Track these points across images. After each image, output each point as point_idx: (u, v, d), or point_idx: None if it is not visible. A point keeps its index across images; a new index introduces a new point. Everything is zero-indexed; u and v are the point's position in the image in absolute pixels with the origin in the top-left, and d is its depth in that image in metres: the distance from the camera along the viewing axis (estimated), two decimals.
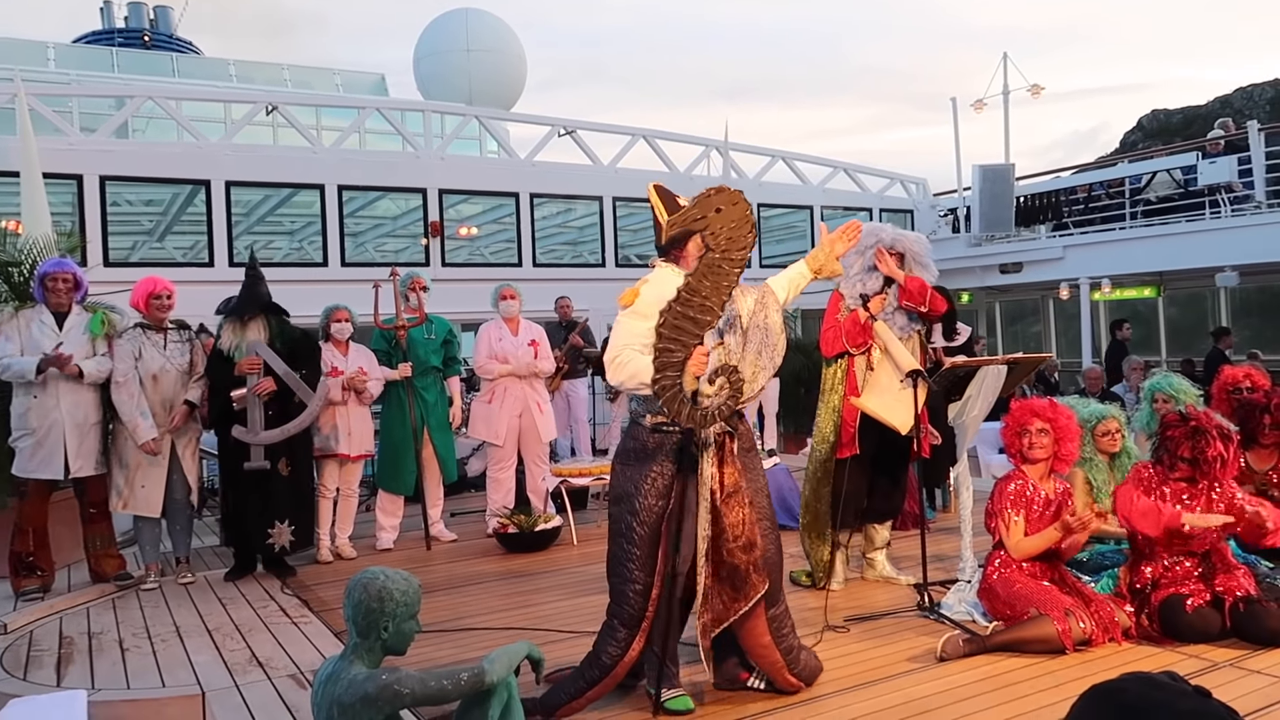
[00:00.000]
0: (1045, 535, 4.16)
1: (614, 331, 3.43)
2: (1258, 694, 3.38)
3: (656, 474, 3.37)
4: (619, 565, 3.41)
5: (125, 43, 23.41)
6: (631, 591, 3.35)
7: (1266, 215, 11.18)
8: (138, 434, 5.37)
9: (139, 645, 4.45)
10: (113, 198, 9.94)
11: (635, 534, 3.36)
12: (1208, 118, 29.01)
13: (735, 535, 3.37)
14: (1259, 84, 31.75)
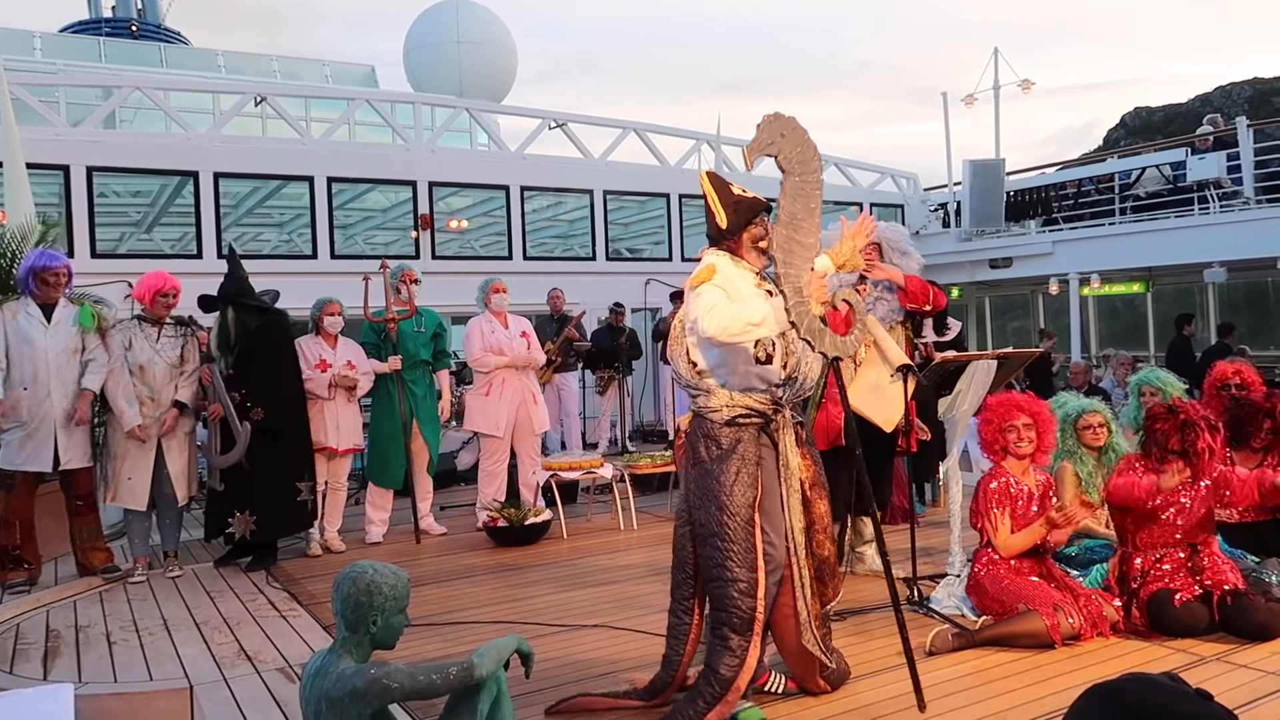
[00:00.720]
0: (1032, 531, 4.17)
1: (699, 302, 3.18)
2: (1244, 688, 3.40)
3: (739, 467, 3.23)
4: (716, 568, 3.21)
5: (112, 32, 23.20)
6: (736, 592, 3.16)
7: (1254, 211, 11.22)
8: (124, 419, 5.37)
9: (126, 638, 4.42)
10: (100, 189, 9.86)
11: (729, 530, 3.19)
12: (1188, 116, 29.36)
13: (824, 525, 3.35)
14: (1238, 82, 32.06)
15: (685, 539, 3.40)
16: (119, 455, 5.45)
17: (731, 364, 3.29)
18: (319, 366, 6.18)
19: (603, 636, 4.29)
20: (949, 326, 6.78)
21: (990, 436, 4.41)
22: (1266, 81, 31.25)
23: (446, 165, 11.23)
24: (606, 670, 3.82)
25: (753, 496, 3.22)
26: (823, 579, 3.34)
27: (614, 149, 12.28)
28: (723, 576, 3.20)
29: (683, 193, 12.57)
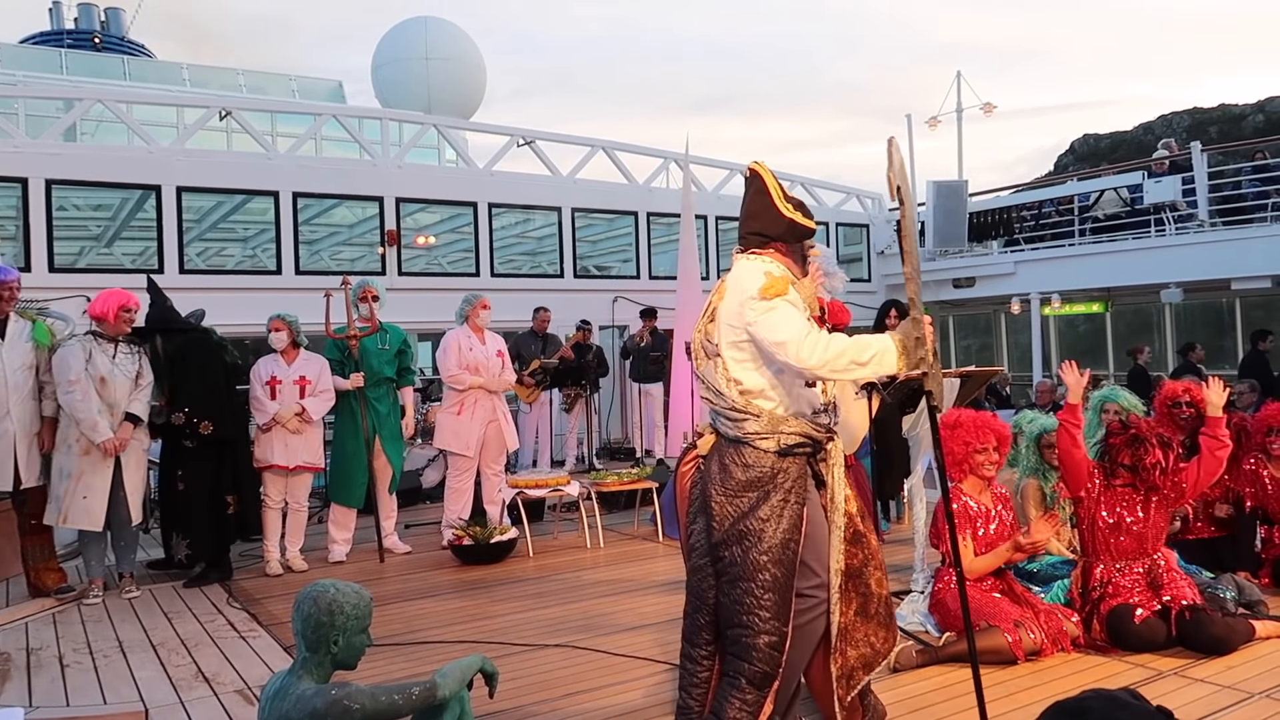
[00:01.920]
0: (998, 554, 4.22)
1: (779, 319, 2.82)
2: (1201, 702, 3.45)
3: (784, 503, 2.87)
4: (745, 615, 2.85)
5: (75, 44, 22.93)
6: (765, 645, 2.84)
7: (1209, 234, 11.48)
8: (96, 433, 5.24)
9: (80, 661, 4.32)
10: (59, 202, 9.70)
11: (766, 576, 2.84)
12: (1132, 144, 30.53)
13: (879, 561, 3.06)
14: (1179, 111, 33.25)
15: (706, 575, 2.97)
16: (73, 474, 5.29)
17: (787, 385, 2.96)
18: (269, 383, 6.11)
19: (568, 656, 4.26)
20: None
21: (959, 452, 4.41)
22: (1204, 111, 32.39)
23: (414, 181, 11.19)
24: (570, 690, 3.80)
25: (797, 540, 2.89)
26: (885, 622, 3.06)
27: (582, 166, 12.31)
28: (752, 625, 2.86)
29: (651, 211, 12.62)
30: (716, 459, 2.97)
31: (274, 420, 6.06)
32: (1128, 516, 4.24)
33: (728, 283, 3.02)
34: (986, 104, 14.77)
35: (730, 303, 2.96)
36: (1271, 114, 29.40)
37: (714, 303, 3.04)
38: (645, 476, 7.34)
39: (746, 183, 3.08)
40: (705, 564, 2.97)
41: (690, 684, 3.00)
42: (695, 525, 3.01)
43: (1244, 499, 5.07)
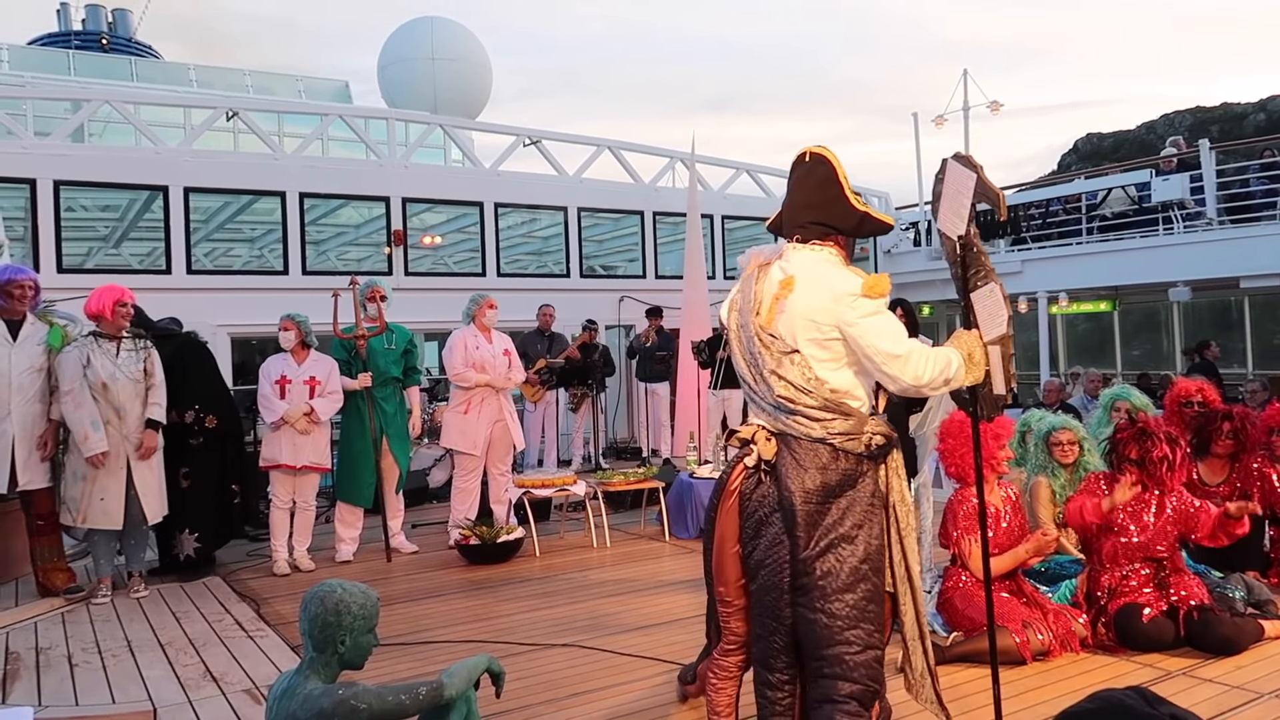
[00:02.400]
0: (1014, 555, 4.20)
1: (890, 327, 2.67)
2: (1210, 703, 3.44)
3: (870, 507, 2.71)
4: (849, 629, 2.64)
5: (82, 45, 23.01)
6: (873, 659, 2.68)
7: (1217, 232, 11.43)
8: (87, 445, 5.23)
9: (89, 660, 4.34)
10: (67, 203, 9.74)
11: (871, 587, 2.67)
12: (1134, 143, 30.58)
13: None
14: (1181, 110, 33.33)
15: (781, 594, 2.69)
16: (88, 477, 5.30)
17: (867, 385, 2.78)
18: (279, 383, 6.13)
19: (574, 655, 4.26)
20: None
21: (987, 452, 4.35)
22: (1207, 110, 32.43)
23: (420, 181, 11.20)
24: (577, 690, 3.80)
25: (885, 546, 2.76)
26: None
27: (588, 166, 12.31)
28: (859, 640, 2.63)
29: (657, 210, 12.62)
30: (792, 463, 2.68)
31: (282, 420, 6.07)
32: (1134, 523, 4.22)
33: (797, 274, 2.73)
34: (994, 102, 14.71)
35: (816, 297, 2.67)
36: (1273, 113, 29.49)
37: (778, 295, 2.73)
38: (651, 476, 7.34)
39: (804, 168, 2.81)
40: (780, 581, 2.68)
41: (773, 713, 2.76)
42: (760, 540, 2.72)
43: (1251, 498, 5.04)
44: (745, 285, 2.85)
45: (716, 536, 2.83)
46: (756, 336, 2.75)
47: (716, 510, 2.83)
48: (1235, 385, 10.81)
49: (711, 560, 2.87)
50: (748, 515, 2.76)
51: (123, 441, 5.39)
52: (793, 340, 2.70)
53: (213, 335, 9.59)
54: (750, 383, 2.80)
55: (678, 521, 6.95)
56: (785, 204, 2.88)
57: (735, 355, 2.86)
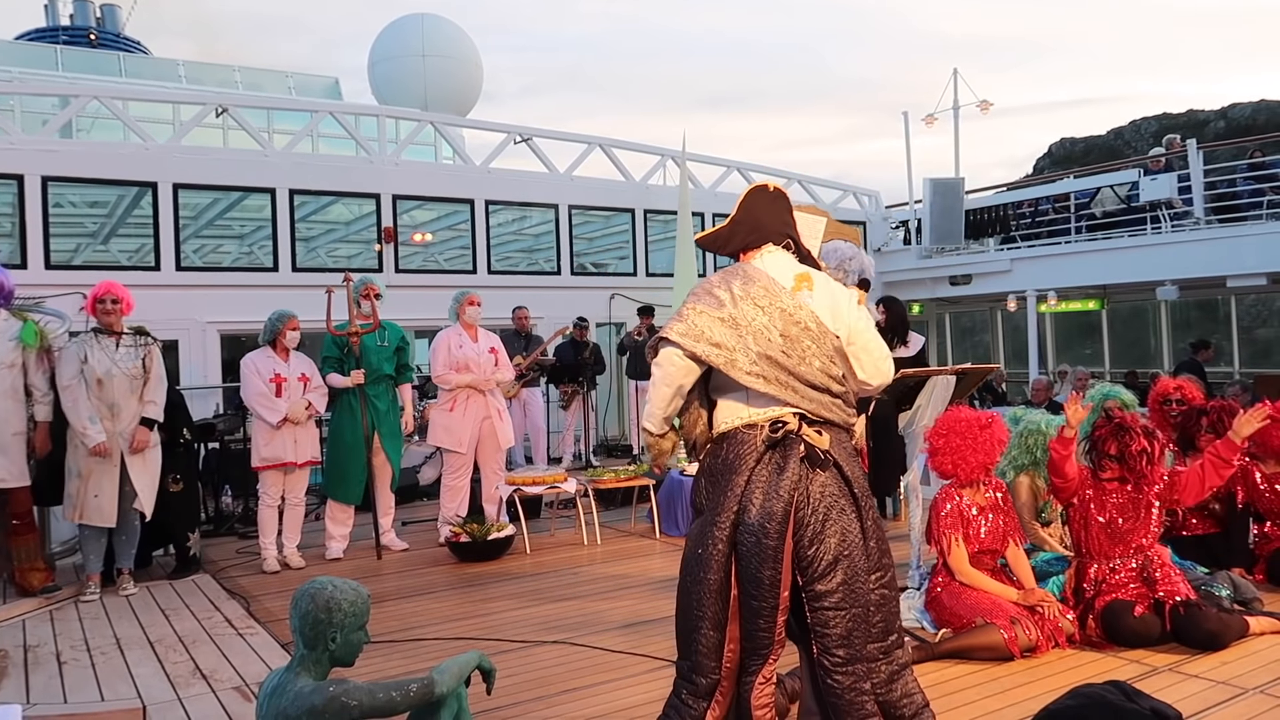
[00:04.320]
0: (1002, 589, 4.21)
1: (872, 327, 2.92)
2: (1195, 698, 3.46)
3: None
4: (895, 601, 2.87)
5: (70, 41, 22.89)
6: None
7: (1204, 231, 11.50)
8: (86, 438, 5.24)
9: (77, 658, 4.33)
10: (55, 199, 9.69)
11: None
12: (1103, 148, 31.35)
13: None
14: (1148, 117, 34.02)
15: (866, 576, 2.78)
16: (83, 474, 5.30)
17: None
18: (274, 381, 6.12)
19: (564, 653, 4.27)
20: (909, 341, 6.89)
21: (995, 453, 4.33)
22: (1172, 116, 33.04)
23: (411, 178, 11.18)
24: (567, 687, 3.81)
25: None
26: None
27: (579, 164, 12.31)
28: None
29: (648, 208, 12.62)
30: (843, 453, 2.81)
31: (285, 418, 6.08)
32: (1119, 515, 4.26)
33: (812, 275, 2.92)
34: (983, 101, 14.78)
35: (832, 298, 2.88)
36: (1233, 120, 30.00)
37: (796, 286, 2.87)
38: (642, 474, 7.34)
39: (770, 193, 3.07)
40: (861, 567, 2.75)
41: (865, 707, 2.70)
42: (831, 532, 2.72)
43: (1235, 495, 5.09)
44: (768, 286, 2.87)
45: (777, 543, 2.71)
46: (805, 321, 2.82)
47: (782, 515, 2.71)
48: (1221, 384, 10.88)
49: (777, 569, 2.72)
50: (818, 512, 2.73)
51: (117, 438, 5.37)
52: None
53: (202, 332, 9.59)
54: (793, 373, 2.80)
55: (668, 519, 6.97)
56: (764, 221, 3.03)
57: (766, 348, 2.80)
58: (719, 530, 2.76)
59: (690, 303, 2.90)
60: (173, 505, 5.86)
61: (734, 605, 2.78)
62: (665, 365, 2.83)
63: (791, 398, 2.78)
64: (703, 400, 2.92)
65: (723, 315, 2.82)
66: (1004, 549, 4.35)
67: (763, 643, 2.75)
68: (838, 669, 2.69)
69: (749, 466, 2.77)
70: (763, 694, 2.78)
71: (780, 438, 2.76)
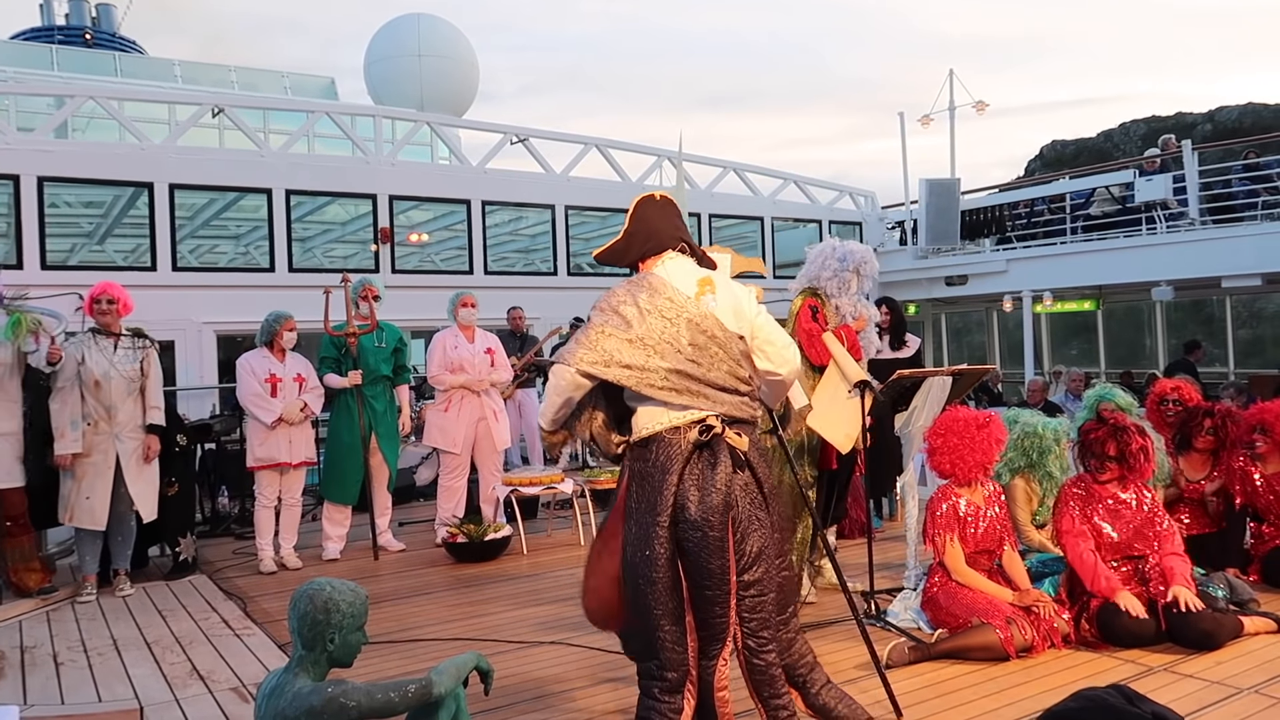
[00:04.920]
0: (997, 589, 4.22)
1: (771, 323, 3.08)
2: (1190, 698, 3.48)
3: None
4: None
5: (66, 40, 22.85)
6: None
7: (1199, 232, 11.54)
8: (60, 444, 5.22)
9: (74, 659, 4.33)
10: (51, 199, 9.69)
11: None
12: (1093, 150, 31.72)
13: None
14: (1137, 120, 34.31)
15: (776, 562, 2.99)
16: (76, 475, 5.29)
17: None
18: (269, 381, 6.11)
19: (562, 653, 4.28)
20: (906, 342, 6.90)
21: (992, 452, 4.33)
22: (1160, 119, 33.34)
23: (407, 179, 11.19)
24: (565, 688, 3.81)
25: None
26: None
27: (576, 164, 12.31)
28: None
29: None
30: (754, 452, 2.97)
31: (280, 418, 6.08)
32: (1115, 519, 4.28)
33: (713, 278, 3.10)
34: (979, 102, 14.80)
35: (734, 299, 3.03)
36: (1220, 123, 30.26)
37: (700, 291, 3.03)
38: None
39: (658, 201, 3.31)
40: (774, 555, 2.95)
41: (774, 677, 2.93)
42: (753, 526, 2.90)
43: (1233, 496, 5.11)
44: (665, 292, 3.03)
45: (721, 534, 2.85)
46: (717, 325, 2.98)
47: (723, 508, 2.85)
48: (1215, 384, 10.92)
49: (725, 559, 2.85)
50: (736, 506, 2.89)
51: (112, 440, 5.36)
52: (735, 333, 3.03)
53: (198, 333, 9.58)
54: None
55: None
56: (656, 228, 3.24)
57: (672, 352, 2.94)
58: (660, 530, 2.86)
59: (597, 323, 3.00)
60: (167, 509, 5.84)
61: (686, 599, 2.90)
62: (557, 379, 2.98)
63: (704, 404, 2.92)
64: (597, 402, 3.07)
65: (630, 336, 2.94)
66: (1000, 550, 4.36)
67: (720, 628, 2.89)
68: (763, 649, 2.91)
69: (679, 467, 2.88)
70: (722, 674, 2.93)
71: (708, 440, 2.90)
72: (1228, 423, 5.16)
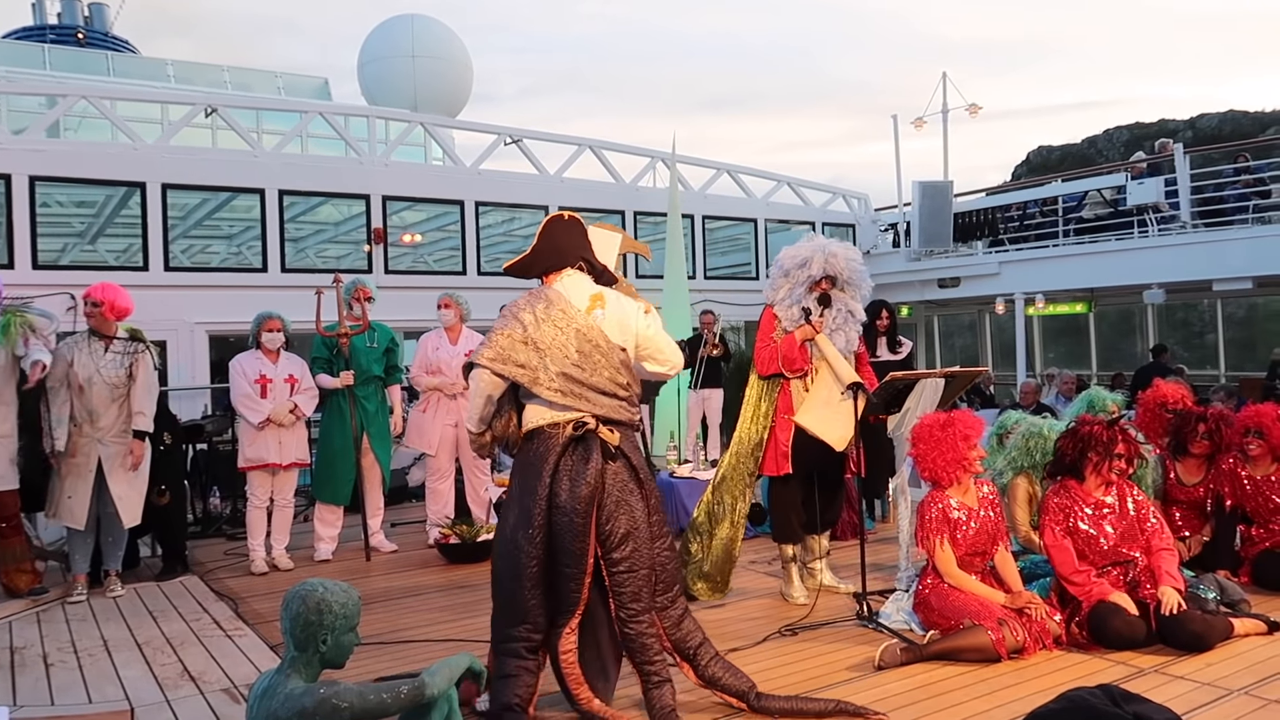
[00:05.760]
0: (989, 591, 4.23)
1: (659, 332, 3.58)
2: (1181, 699, 3.49)
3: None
4: (677, 568, 3.66)
5: (58, 40, 22.75)
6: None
7: (1191, 235, 11.59)
8: (46, 441, 5.27)
9: (64, 660, 4.31)
10: (43, 198, 9.64)
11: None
12: (1076, 156, 32.07)
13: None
14: (1120, 126, 34.77)
15: (650, 544, 3.45)
16: (61, 474, 5.30)
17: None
18: (259, 382, 6.10)
19: None
20: (901, 345, 6.93)
21: (960, 450, 4.27)
22: (1144, 125, 33.66)
23: (400, 179, 11.16)
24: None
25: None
26: None
27: (569, 165, 12.31)
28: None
29: (637, 210, 12.63)
30: (629, 443, 3.44)
31: (269, 419, 6.05)
32: (1100, 524, 4.29)
33: (605, 294, 3.54)
34: (972, 105, 14.84)
35: (621, 313, 3.49)
36: (1200, 130, 30.57)
37: (591, 306, 3.49)
38: None
39: (566, 221, 3.79)
40: (644, 530, 3.39)
41: (644, 644, 3.35)
42: (623, 511, 3.35)
43: (1224, 498, 5.13)
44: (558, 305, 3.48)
45: (584, 520, 3.30)
46: (601, 340, 3.42)
47: (588, 498, 3.30)
48: (1206, 387, 10.96)
49: (585, 542, 3.31)
50: (608, 494, 3.34)
51: (95, 445, 5.33)
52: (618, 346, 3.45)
53: (190, 333, 9.55)
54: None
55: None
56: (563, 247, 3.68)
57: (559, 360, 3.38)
58: (537, 513, 3.31)
59: (499, 326, 3.46)
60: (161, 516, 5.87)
61: (546, 573, 3.35)
62: (476, 381, 3.41)
63: (585, 406, 3.36)
64: (513, 405, 3.48)
65: (525, 339, 3.39)
66: (993, 551, 4.37)
67: (571, 601, 3.34)
68: (633, 619, 3.34)
69: (555, 459, 3.33)
70: (568, 641, 3.37)
71: (582, 435, 3.34)
72: (1221, 426, 5.17)
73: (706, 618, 4.79)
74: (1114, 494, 4.37)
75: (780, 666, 3.97)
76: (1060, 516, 4.34)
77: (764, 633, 4.44)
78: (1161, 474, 5.29)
